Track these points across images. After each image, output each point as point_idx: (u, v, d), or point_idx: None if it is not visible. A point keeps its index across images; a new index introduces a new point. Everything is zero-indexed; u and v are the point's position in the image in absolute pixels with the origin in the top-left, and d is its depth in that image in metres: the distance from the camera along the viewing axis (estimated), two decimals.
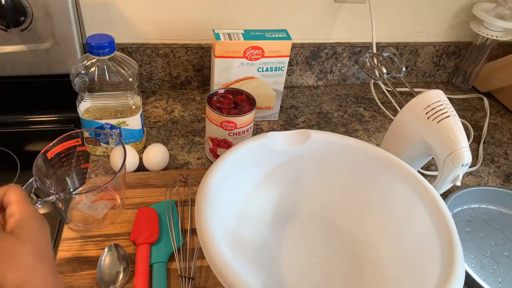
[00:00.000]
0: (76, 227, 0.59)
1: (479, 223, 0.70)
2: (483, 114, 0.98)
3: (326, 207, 0.63)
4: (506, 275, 0.62)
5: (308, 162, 0.62)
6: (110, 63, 0.64)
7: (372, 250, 0.59)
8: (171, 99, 0.90)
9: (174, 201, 0.64)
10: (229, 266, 0.42)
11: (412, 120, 0.65)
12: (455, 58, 1.05)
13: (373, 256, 0.58)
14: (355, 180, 0.62)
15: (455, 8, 0.98)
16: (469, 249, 0.65)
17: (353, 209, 0.62)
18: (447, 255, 0.47)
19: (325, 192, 0.63)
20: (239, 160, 0.57)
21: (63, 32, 0.72)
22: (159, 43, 0.86)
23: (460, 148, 0.60)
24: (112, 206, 0.63)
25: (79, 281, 0.53)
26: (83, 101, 0.67)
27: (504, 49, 1.05)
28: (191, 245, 0.59)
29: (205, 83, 0.93)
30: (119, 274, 0.54)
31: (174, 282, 0.54)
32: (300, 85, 1.00)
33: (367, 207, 0.61)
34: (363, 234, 0.61)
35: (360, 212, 0.62)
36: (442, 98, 0.63)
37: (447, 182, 0.64)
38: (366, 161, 0.60)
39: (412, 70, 1.05)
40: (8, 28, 0.69)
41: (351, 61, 0.99)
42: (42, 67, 0.75)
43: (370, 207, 0.61)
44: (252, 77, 0.80)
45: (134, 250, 0.57)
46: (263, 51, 0.76)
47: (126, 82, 0.66)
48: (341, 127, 0.89)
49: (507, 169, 0.82)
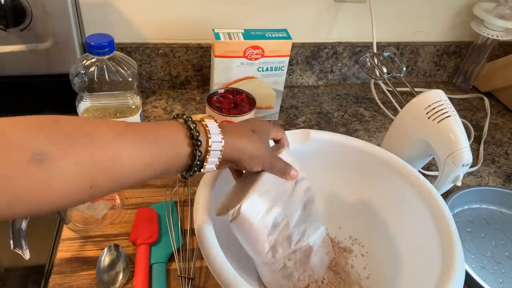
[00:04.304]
0: (75, 227, 0.59)
1: (480, 223, 0.70)
2: (483, 114, 0.98)
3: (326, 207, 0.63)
4: (506, 276, 0.62)
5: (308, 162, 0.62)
6: (110, 62, 0.64)
7: (372, 250, 0.59)
8: (170, 99, 0.90)
9: (174, 201, 0.64)
10: (227, 267, 0.42)
11: (412, 120, 0.65)
12: (456, 58, 1.05)
13: (373, 256, 0.58)
14: (355, 180, 0.62)
15: (455, 7, 0.97)
16: (469, 249, 0.65)
17: (353, 209, 0.62)
18: (448, 255, 0.46)
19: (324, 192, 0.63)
20: None
21: (62, 31, 0.72)
22: (159, 43, 0.86)
23: (460, 148, 0.60)
24: (111, 206, 0.63)
25: (79, 281, 0.53)
26: (82, 101, 0.67)
27: (504, 49, 1.05)
28: (190, 246, 0.58)
29: (205, 83, 0.93)
30: (118, 275, 0.53)
31: (173, 283, 0.54)
32: (300, 85, 1.00)
33: (367, 207, 0.61)
34: (363, 234, 0.61)
35: (360, 212, 0.62)
36: (443, 98, 0.63)
37: (448, 182, 0.64)
38: (367, 161, 0.60)
39: (413, 70, 1.05)
40: (8, 28, 0.69)
41: (352, 61, 0.99)
42: (42, 67, 0.75)
43: (370, 207, 0.61)
44: (252, 77, 0.79)
45: (133, 251, 0.57)
46: (263, 51, 0.76)
47: (125, 82, 0.65)
48: (342, 127, 0.88)
49: (507, 169, 0.82)
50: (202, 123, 0.41)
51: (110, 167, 0.33)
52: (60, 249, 0.56)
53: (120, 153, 0.34)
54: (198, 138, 0.39)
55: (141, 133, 0.36)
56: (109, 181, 0.34)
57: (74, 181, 0.31)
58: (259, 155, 0.44)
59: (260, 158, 0.44)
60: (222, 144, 0.40)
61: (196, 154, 0.38)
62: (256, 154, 0.44)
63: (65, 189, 0.31)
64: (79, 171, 0.31)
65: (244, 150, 0.43)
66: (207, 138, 0.39)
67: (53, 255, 0.56)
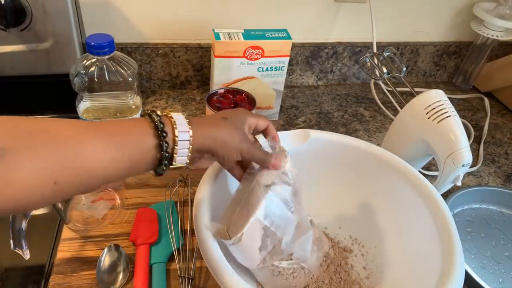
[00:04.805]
0: (75, 227, 0.59)
1: (480, 223, 0.70)
2: (483, 114, 0.98)
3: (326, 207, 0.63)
4: (506, 276, 0.62)
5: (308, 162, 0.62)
6: (110, 62, 0.64)
7: (372, 250, 0.59)
8: (170, 99, 0.90)
9: (174, 201, 0.64)
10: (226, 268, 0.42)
11: (412, 120, 0.65)
12: (456, 58, 1.05)
13: (373, 256, 0.58)
14: (355, 180, 0.62)
15: (455, 7, 0.97)
16: (469, 249, 0.65)
17: (353, 209, 0.62)
18: (447, 255, 0.46)
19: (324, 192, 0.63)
20: None
21: (62, 31, 0.72)
22: (159, 43, 0.86)
23: (460, 148, 0.60)
24: (111, 206, 0.63)
25: (79, 281, 0.53)
26: (82, 101, 0.67)
27: (504, 49, 1.05)
28: (190, 246, 0.58)
29: (205, 83, 0.93)
30: (118, 275, 0.53)
31: (173, 283, 0.54)
32: (300, 85, 1.00)
33: (367, 207, 0.61)
34: (363, 234, 0.61)
35: (360, 212, 0.61)
36: (443, 98, 0.63)
37: (448, 182, 0.64)
38: (367, 161, 0.60)
39: (413, 70, 1.05)
40: (8, 28, 0.69)
41: (352, 61, 0.99)
42: (42, 67, 0.75)
43: (370, 207, 0.61)
44: (252, 77, 0.79)
45: (133, 251, 0.57)
46: (263, 51, 0.76)
47: (125, 82, 0.65)
48: (342, 127, 0.88)
49: (507, 169, 0.82)
50: (167, 116, 0.41)
51: (72, 161, 0.33)
52: (60, 249, 0.56)
53: (82, 147, 0.34)
54: (163, 129, 0.39)
55: (103, 127, 0.37)
56: (74, 177, 0.33)
57: (35, 176, 0.31)
58: (234, 140, 0.44)
59: (235, 144, 0.44)
60: (190, 134, 0.40)
61: (163, 146, 0.38)
62: (229, 140, 0.43)
63: (26, 184, 0.31)
64: (39, 166, 0.31)
65: (215, 137, 0.42)
66: (173, 129, 0.39)
67: (53, 255, 0.56)
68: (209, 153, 0.44)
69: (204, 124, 0.43)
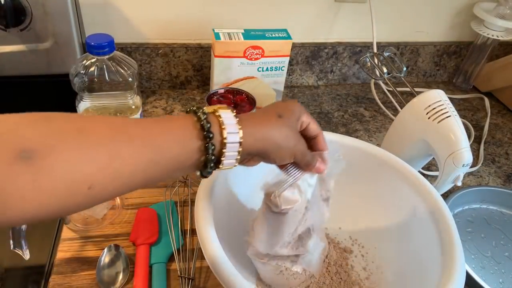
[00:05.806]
0: (75, 228, 0.59)
1: (480, 224, 0.70)
2: (484, 114, 0.98)
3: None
4: (507, 276, 0.62)
5: None
6: (110, 62, 0.64)
7: (372, 251, 0.59)
8: (170, 99, 0.90)
9: (174, 202, 0.64)
10: (228, 267, 0.42)
11: (412, 120, 0.65)
12: (456, 58, 1.05)
13: (373, 256, 0.58)
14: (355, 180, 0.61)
15: (455, 7, 0.97)
16: (469, 249, 0.65)
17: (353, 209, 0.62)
18: (448, 255, 0.46)
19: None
20: None
21: (62, 31, 0.72)
22: (159, 43, 0.86)
23: (460, 148, 0.60)
24: (111, 206, 0.62)
25: (79, 281, 0.53)
26: (82, 101, 0.67)
27: (505, 49, 1.05)
28: (190, 246, 0.58)
29: (205, 82, 0.93)
30: (118, 275, 0.53)
31: (174, 283, 0.54)
32: (300, 85, 1.00)
33: (367, 207, 0.61)
34: (363, 235, 0.61)
35: (360, 212, 0.61)
36: (443, 98, 0.63)
37: (448, 182, 0.64)
38: (367, 161, 0.60)
39: (413, 69, 1.05)
40: (8, 28, 0.69)
41: (352, 61, 0.99)
42: (42, 67, 0.75)
43: (370, 208, 0.61)
44: (252, 77, 0.79)
45: (133, 251, 0.57)
46: (263, 51, 0.76)
47: (125, 82, 0.65)
48: (342, 127, 0.88)
49: (508, 169, 0.82)
50: (215, 114, 0.36)
51: (108, 164, 0.30)
52: (60, 249, 0.56)
53: (118, 149, 0.31)
54: (209, 129, 0.35)
55: (142, 125, 0.33)
56: (111, 180, 0.31)
57: (66, 181, 0.28)
58: (289, 144, 0.40)
59: (290, 148, 0.40)
60: (240, 135, 0.36)
61: (208, 148, 0.35)
62: (284, 143, 0.40)
63: (56, 189, 0.28)
64: (71, 169, 0.28)
65: (268, 140, 0.39)
66: (220, 130, 0.36)
67: (53, 255, 0.56)
68: (260, 156, 0.40)
69: (256, 122, 0.39)
